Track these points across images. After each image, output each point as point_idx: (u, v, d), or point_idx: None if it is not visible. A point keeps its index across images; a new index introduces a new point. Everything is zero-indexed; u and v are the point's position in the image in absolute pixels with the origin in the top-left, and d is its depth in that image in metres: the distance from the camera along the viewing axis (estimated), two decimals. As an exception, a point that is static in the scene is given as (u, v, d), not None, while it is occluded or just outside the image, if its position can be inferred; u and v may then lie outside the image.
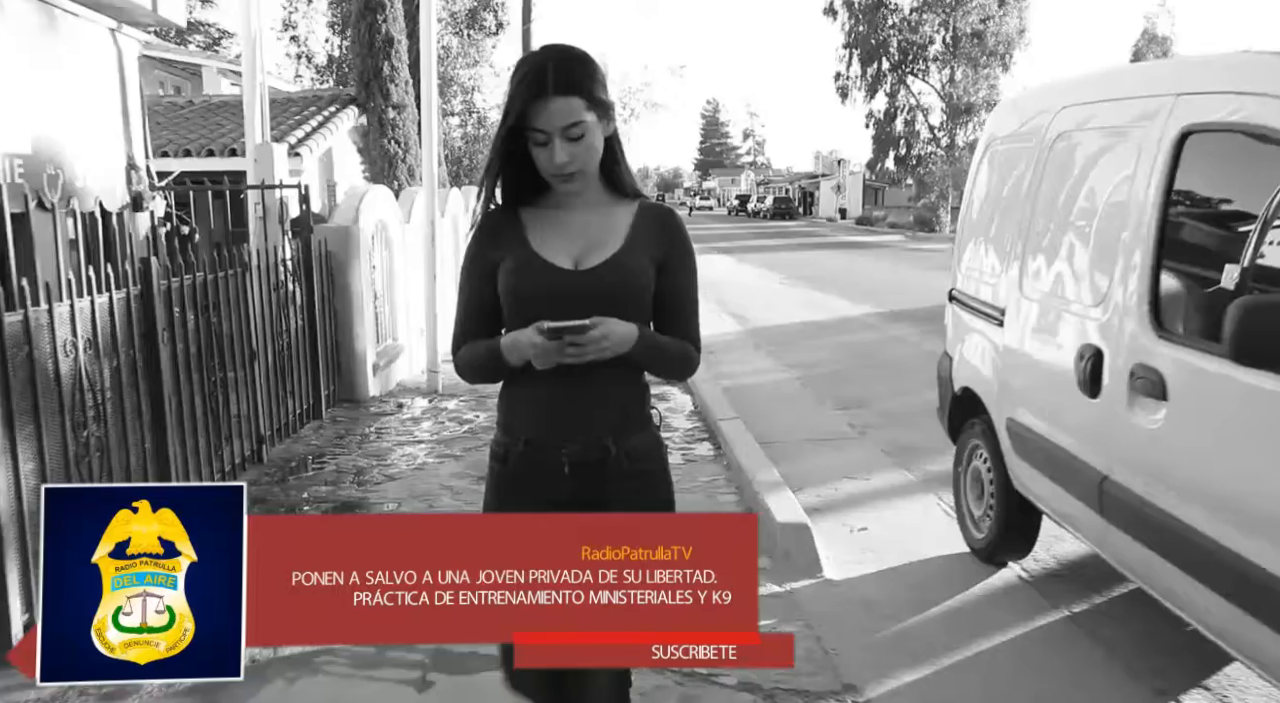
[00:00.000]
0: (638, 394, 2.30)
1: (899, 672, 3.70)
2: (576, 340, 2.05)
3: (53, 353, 4.13)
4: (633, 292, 2.19)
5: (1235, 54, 3.19)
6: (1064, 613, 4.20)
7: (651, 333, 2.22)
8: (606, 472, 2.22)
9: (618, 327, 2.10)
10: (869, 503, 5.75)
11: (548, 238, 2.22)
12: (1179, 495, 3.06)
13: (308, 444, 7.12)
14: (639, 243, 2.23)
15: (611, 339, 2.09)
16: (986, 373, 4.63)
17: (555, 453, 2.22)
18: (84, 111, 7.27)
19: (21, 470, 3.79)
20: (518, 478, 2.27)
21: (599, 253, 2.20)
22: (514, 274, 2.20)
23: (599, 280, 2.17)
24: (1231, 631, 2.89)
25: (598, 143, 2.16)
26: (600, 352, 2.08)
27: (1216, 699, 3.45)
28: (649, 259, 2.23)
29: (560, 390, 2.18)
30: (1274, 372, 2.52)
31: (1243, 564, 2.74)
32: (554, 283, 2.17)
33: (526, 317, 2.13)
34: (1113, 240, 3.54)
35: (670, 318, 2.28)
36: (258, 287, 6.63)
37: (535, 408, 2.23)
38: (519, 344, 2.12)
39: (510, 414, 2.30)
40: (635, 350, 2.15)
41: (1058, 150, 4.19)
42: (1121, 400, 3.35)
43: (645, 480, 2.29)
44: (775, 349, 11.61)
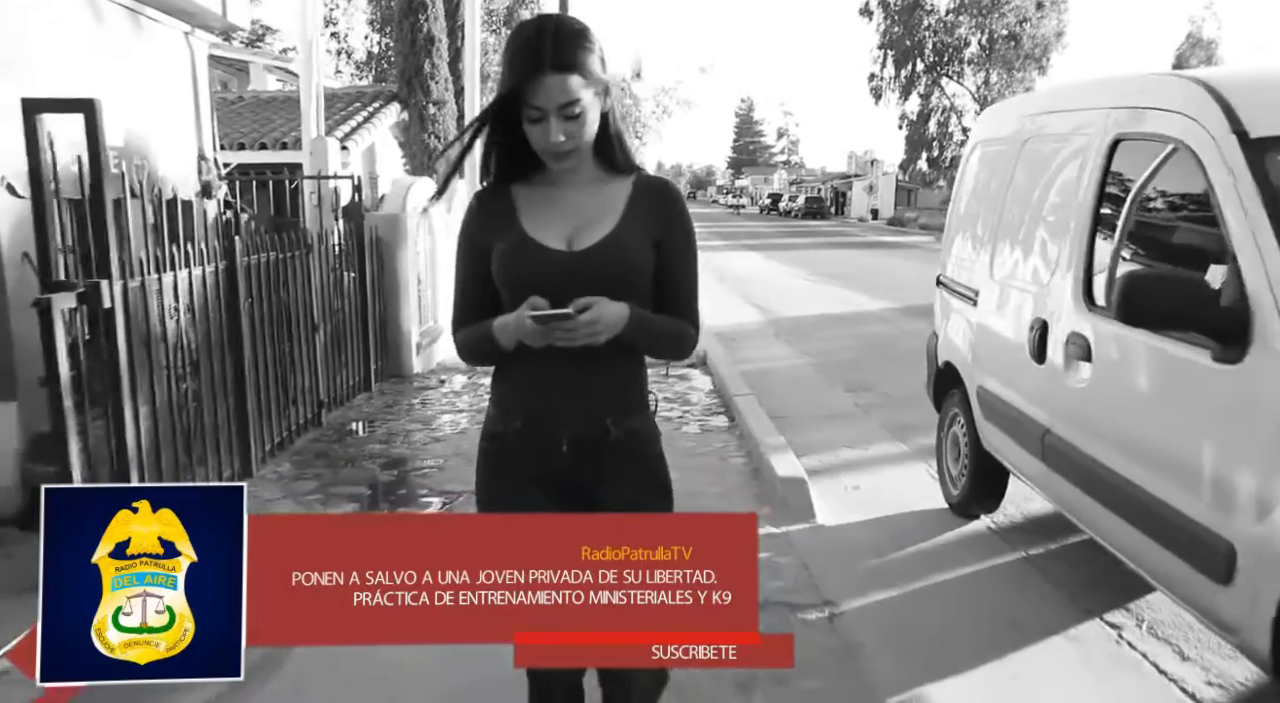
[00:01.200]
0: (637, 376, 2.27)
1: (870, 593, 4.37)
2: (564, 326, 2.02)
3: (160, 316, 4.87)
4: (629, 272, 2.15)
5: (1150, 75, 3.83)
6: (1020, 554, 4.84)
7: (645, 314, 2.16)
8: (606, 450, 2.20)
9: (608, 310, 2.05)
10: (863, 467, 6.42)
11: (540, 218, 2.18)
12: (1099, 441, 3.71)
13: (360, 411, 7.87)
14: (635, 220, 2.18)
15: (603, 322, 2.04)
16: (963, 348, 5.28)
17: (554, 432, 2.19)
18: (163, 108, 8.02)
19: (140, 411, 4.53)
20: (513, 456, 2.24)
21: (593, 232, 2.16)
22: (506, 258, 2.16)
23: (593, 261, 2.13)
24: (1135, 550, 3.53)
25: (594, 119, 2.10)
26: (592, 337, 2.05)
27: (1132, 616, 4.10)
28: (646, 237, 2.18)
29: (558, 371, 2.14)
30: (1150, 330, 3.18)
31: (1143, 495, 3.38)
32: (547, 266, 2.13)
33: (521, 300, 2.09)
34: (1059, 230, 4.20)
35: (669, 297, 2.23)
36: (318, 267, 7.37)
37: (532, 389, 2.20)
38: (509, 328, 2.10)
39: (506, 394, 2.26)
40: (628, 331, 2.10)
41: (1025, 153, 4.84)
42: (1060, 364, 4.00)
43: (644, 463, 2.27)
44: (793, 338, 12.26)
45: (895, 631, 4.02)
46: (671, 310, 2.23)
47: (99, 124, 4.20)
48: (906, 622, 4.12)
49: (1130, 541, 3.53)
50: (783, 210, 73.40)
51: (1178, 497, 3.15)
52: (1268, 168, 3.03)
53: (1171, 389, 3.28)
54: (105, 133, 4.25)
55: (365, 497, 5.72)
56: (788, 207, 72.62)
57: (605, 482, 2.21)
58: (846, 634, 3.97)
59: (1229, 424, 2.93)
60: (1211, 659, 3.73)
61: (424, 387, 8.88)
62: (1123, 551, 3.68)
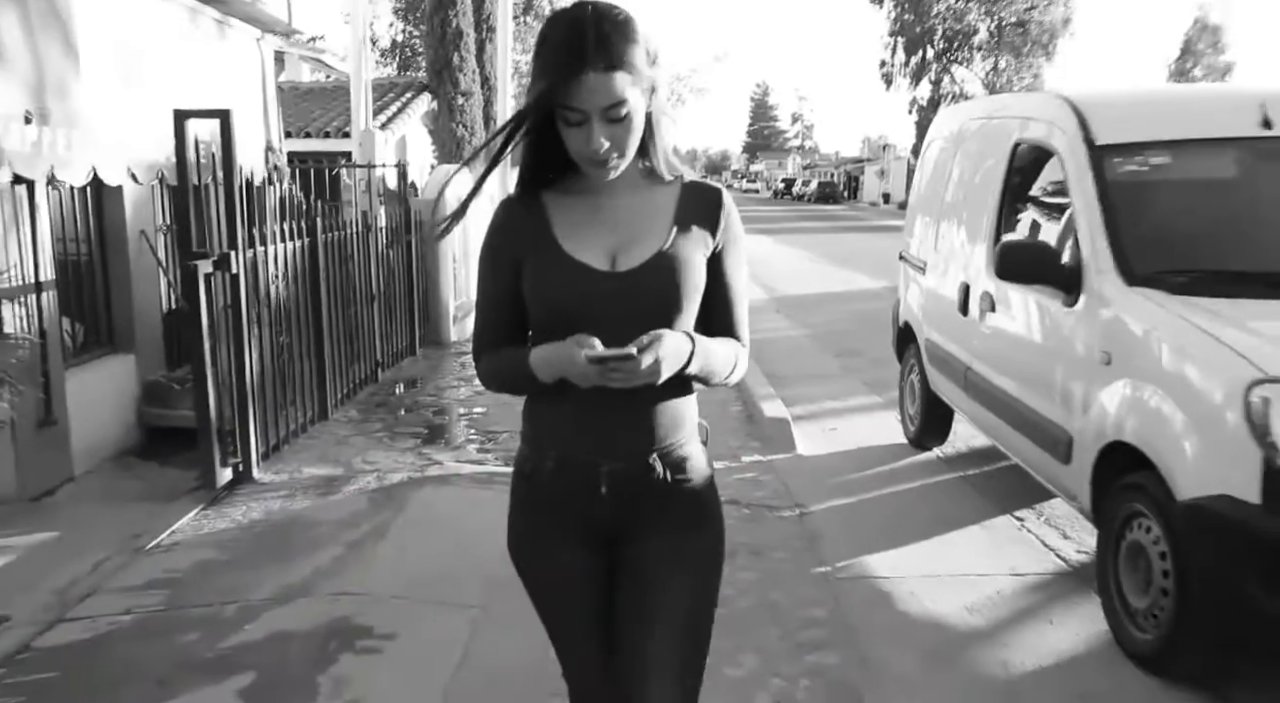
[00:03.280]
0: (686, 405, 2.02)
1: (833, 500, 5.53)
2: (624, 367, 1.77)
3: (266, 281, 6.06)
4: (681, 293, 1.91)
5: (1040, 93, 5.00)
6: (959, 474, 6.01)
7: (708, 345, 1.93)
8: (652, 491, 1.98)
9: (670, 346, 1.81)
10: (842, 414, 7.60)
11: (577, 232, 1.93)
12: (998, 372, 4.88)
13: (409, 372, 9.08)
14: (685, 233, 1.95)
15: (666, 363, 1.80)
16: (916, 309, 6.44)
17: (593, 471, 1.96)
18: (240, 103, 9.20)
19: (254, 354, 5.73)
20: (548, 497, 2.02)
21: (640, 249, 1.91)
22: (541, 278, 1.92)
23: (641, 283, 1.89)
24: (1021, 450, 4.69)
25: (640, 123, 1.85)
26: (652, 376, 1.80)
27: (1035, 512, 5.25)
28: (699, 252, 1.95)
29: (598, 403, 1.89)
30: (1018, 284, 4.34)
31: (1023, 407, 4.55)
32: (588, 288, 1.89)
33: (557, 327, 1.86)
34: (978, 211, 5.35)
35: (718, 315, 2.02)
36: (375, 245, 8.56)
37: (567, 422, 1.97)
38: (553, 362, 1.86)
39: (538, 427, 2.04)
40: (691, 368, 1.89)
41: (961, 149, 5.98)
42: (977, 316, 5.16)
43: (693, 501, 2.02)
44: (794, 312, 13.42)
45: (849, 524, 5.19)
46: (720, 328, 2.03)
47: (231, 129, 5.39)
48: (858, 518, 5.29)
49: (1018, 443, 4.70)
50: (796, 195, 74.42)
51: (1042, 405, 4.32)
52: (1104, 167, 4.19)
53: (1037, 328, 4.46)
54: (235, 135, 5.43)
55: (424, 434, 6.92)
56: (801, 191, 73.64)
57: (649, 529, 2.00)
58: (810, 526, 5.14)
59: (1069, 350, 4.11)
60: (1085, 538, 4.87)
61: (461, 353, 10.07)
62: (1015, 453, 4.86)
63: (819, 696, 3.42)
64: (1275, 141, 4.30)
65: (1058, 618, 4.03)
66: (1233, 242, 4.17)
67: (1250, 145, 4.36)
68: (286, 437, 6.32)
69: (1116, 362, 3.76)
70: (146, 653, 3.68)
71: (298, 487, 5.56)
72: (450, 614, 3.95)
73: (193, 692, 3.39)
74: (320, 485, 5.58)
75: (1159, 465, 3.41)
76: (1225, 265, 4.03)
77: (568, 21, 1.78)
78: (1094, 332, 3.92)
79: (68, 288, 6.13)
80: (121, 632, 3.84)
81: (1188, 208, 4.35)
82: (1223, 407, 3.17)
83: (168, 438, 6.56)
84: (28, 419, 5.27)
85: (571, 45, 1.75)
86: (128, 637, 3.81)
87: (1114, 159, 4.24)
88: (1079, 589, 4.25)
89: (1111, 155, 4.24)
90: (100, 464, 6.15)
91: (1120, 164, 4.28)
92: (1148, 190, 4.38)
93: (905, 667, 3.64)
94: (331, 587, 4.20)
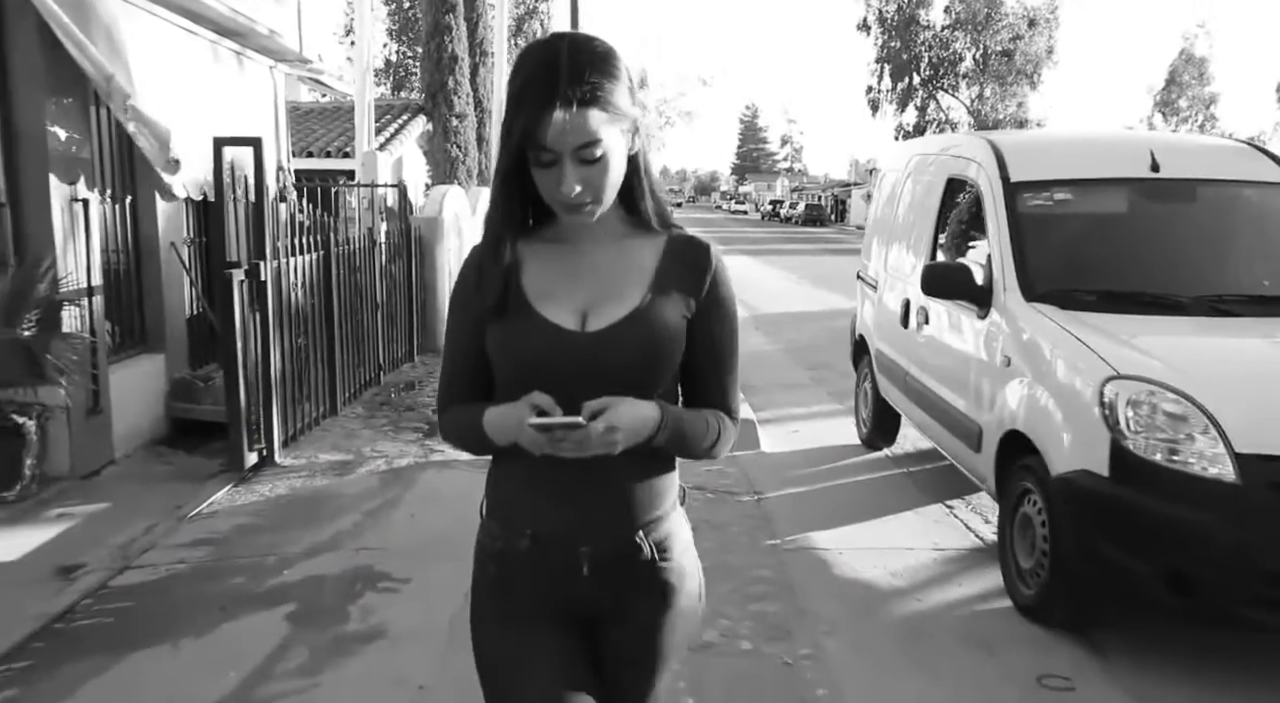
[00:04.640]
0: (668, 473, 1.88)
1: (788, 488, 6.27)
2: (572, 436, 1.64)
3: (288, 289, 6.78)
4: (655, 358, 1.77)
5: (968, 135, 5.77)
6: (904, 471, 6.75)
7: (678, 414, 1.78)
8: (636, 571, 1.84)
9: (627, 414, 1.67)
10: (805, 419, 8.35)
11: (548, 285, 1.79)
12: (930, 376, 5.63)
13: (409, 375, 9.80)
14: (667, 292, 1.80)
15: (622, 430, 1.67)
16: (869, 323, 7.20)
17: (571, 552, 1.81)
18: (255, 127, 9.94)
19: (277, 353, 6.45)
20: (522, 581, 1.86)
21: (614, 307, 1.77)
22: (505, 335, 1.79)
23: (613, 344, 1.75)
24: (946, 443, 5.44)
25: (619, 165, 1.71)
26: (608, 446, 1.67)
27: (964, 502, 6.00)
28: (677, 314, 1.80)
29: (572, 473, 1.74)
30: (942, 299, 5.11)
31: (947, 405, 5.30)
32: (555, 348, 1.75)
33: (523, 385, 1.73)
34: (919, 237, 6.12)
35: (702, 383, 1.87)
36: (379, 258, 9.29)
37: (540, 494, 1.81)
38: (506, 427, 1.74)
39: (505, 500, 1.89)
40: (658, 438, 1.74)
41: (908, 181, 6.76)
42: (914, 328, 5.92)
43: (678, 577, 1.89)
44: (772, 330, 14.18)
45: (799, 508, 5.92)
46: (703, 398, 1.88)
47: (263, 155, 6.12)
48: (808, 504, 6.03)
49: (944, 438, 5.45)
50: (783, 216, 75.10)
51: (960, 403, 5.08)
52: (1016, 200, 4.96)
53: (957, 337, 5.22)
54: (266, 159, 6.16)
55: (425, 430, 7.63)
56: (788, 213, 74.29)
57: (629, 607, 1.87)
58: (766, 509, 5.87)
59: (980, 355, 4.87)
60: (1002, 522, 5.63)
61: (457, 359, 10.78)
62: (942, 446, 5.61)
63: (758, 632, 4.14)
64: (1161, 182, 5.09)
65: (966, 582, 4.77)
66: (1120, 267, 4.94)
67: (1140, 185, 5.15)
68: (303, 428, 7.04)
69: (1014, 364, 4.52)
70: (205, 590, 4.45)
71: (316, 469, 6.29)
72: (455, 565, 4.57)
73: (250, 615, 4.20)
74: (336, 468, 6.31)
75: (1041, 449, 4.16)
76: (1113, 287, 4.79)
77: (540, 52, 1.67)
78: (998, 339, 4.68)
79: (108, 292, 6.83)
80: (181, 576, 4.60)
81: (1084, 237, 5.13)
82: (1085, 399, 3.93)
83: (191, 431, 7.26)
84: (80, 407, 5.99)
85: (541, 79, 1.63)
86: (187, 579, 4.57)
87: (1024, 194, 5.01)
88: (989, 562, 4.99)
89: (1023, 191, 5.01)
90: (134, 451, 6.84)
91: (1029, 198, 5.06)
92: (1052, 221, 5.15)
93: (832, 614, 4.38)
94: (354, 544, 4.98)
